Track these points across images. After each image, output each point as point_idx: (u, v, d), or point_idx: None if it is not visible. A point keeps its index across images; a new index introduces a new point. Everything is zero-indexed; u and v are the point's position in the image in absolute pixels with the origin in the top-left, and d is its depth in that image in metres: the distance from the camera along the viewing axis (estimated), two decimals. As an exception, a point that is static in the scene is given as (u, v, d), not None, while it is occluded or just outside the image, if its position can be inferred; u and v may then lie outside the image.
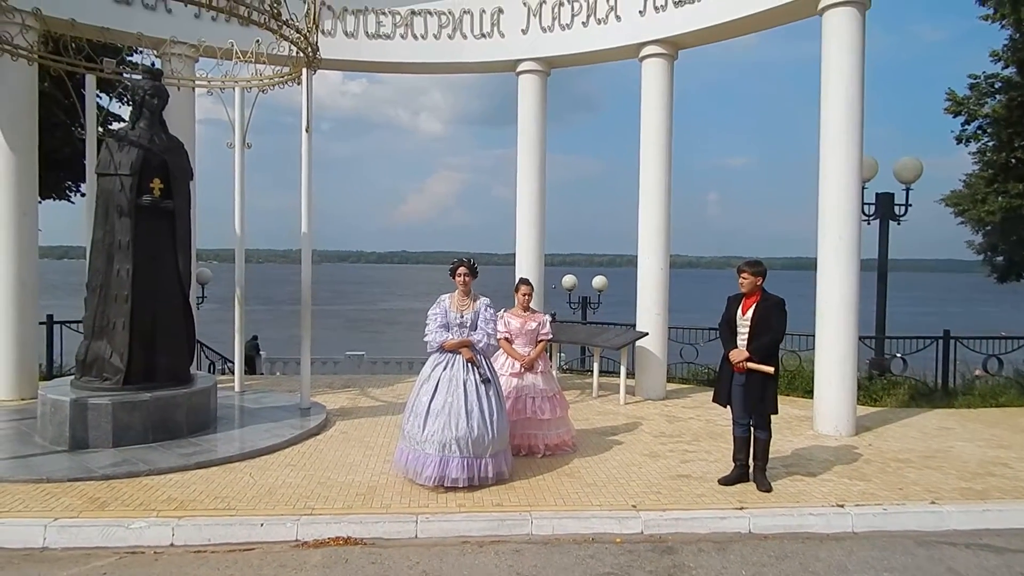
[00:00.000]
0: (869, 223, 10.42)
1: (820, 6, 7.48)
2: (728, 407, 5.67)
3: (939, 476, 5.93)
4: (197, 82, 8.89)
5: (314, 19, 7.30)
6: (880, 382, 9.65)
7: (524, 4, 9.76)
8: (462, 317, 5.57)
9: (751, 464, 5.60)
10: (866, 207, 10.36)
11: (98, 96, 9.28)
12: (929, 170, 10.65)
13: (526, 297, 6.60)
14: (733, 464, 5.68)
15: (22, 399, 8.25)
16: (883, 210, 10.38)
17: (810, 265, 8.12)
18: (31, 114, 8.56)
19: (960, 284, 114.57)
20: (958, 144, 15.21)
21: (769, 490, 5.39)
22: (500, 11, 9.85)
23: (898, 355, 10.02)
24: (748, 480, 5.59)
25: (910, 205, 10.40)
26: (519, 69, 9.98)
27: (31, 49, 7.83)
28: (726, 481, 5.58)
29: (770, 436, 5.57)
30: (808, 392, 8.56)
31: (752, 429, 5.57)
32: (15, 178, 8.37)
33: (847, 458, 6.45)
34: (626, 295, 9.63)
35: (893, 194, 10.44)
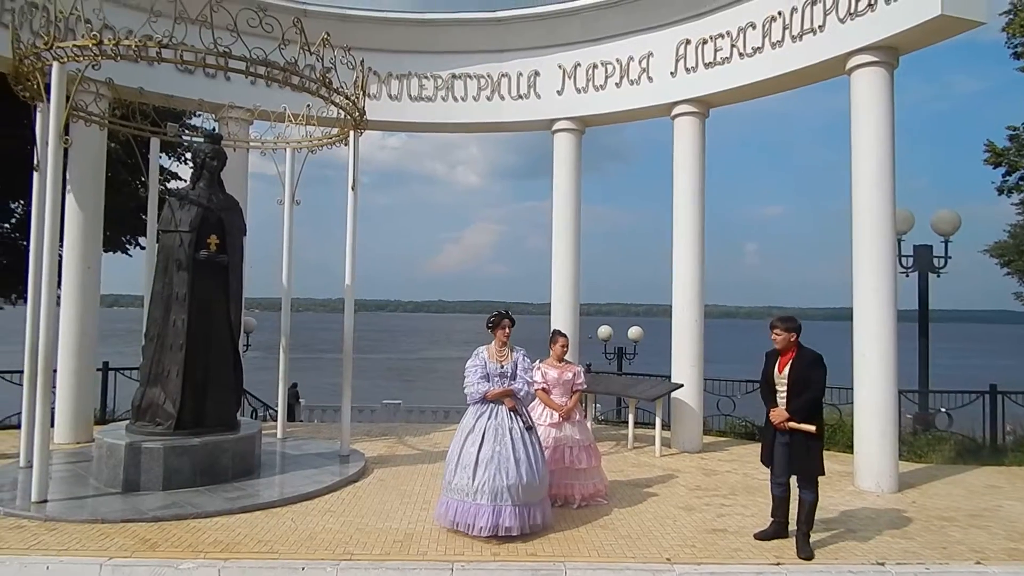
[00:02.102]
0: (908, 275, 10.37)
1: (848, 66, 7.68)
2: (770, 466, 5.53)
3: (986, 536, 5.78)
4: (252, 144, 9.48)
5: (362, 86, 7.79)
6: (925, 437, 9.43)
7: (559, 67, 10.20)
8: (502, 367, 5.74)
9: (792, 525, 5.41)
10: (904, 259, 10.34)
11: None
12: (973, 219, 10.61)
13: (563, 349, 6.75)
14: (771, 519, 5.58)
15: (78, 443, 8.63)
16: (921, 262, 10.32)
17: (852, 316, 8.07)
18: (99, 174, 9.21)
19: (1011, 336, 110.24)
20: (999, 195, 15.05)
21: (811, 557, 5.14)
22: (536, 74, 10.30)
23: (943, 409, 9.79)
24: (785, 536, 5.49)
25: (949, 257, 10.33)
26: (554, 128, 10.36)
27: (102, 115, 8.50)
28: (762, 536, 5.51)
29: (816, 499, 5.32)
30: (849, 447, 8.41)
31: (795, 489, 5.37)
32: (81, 233, 8.96)
33: (889, 514, 6.33)
34: (662, 345, 9.70)
35: (931, 246, 10.39)
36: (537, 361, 6.59)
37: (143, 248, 12.34)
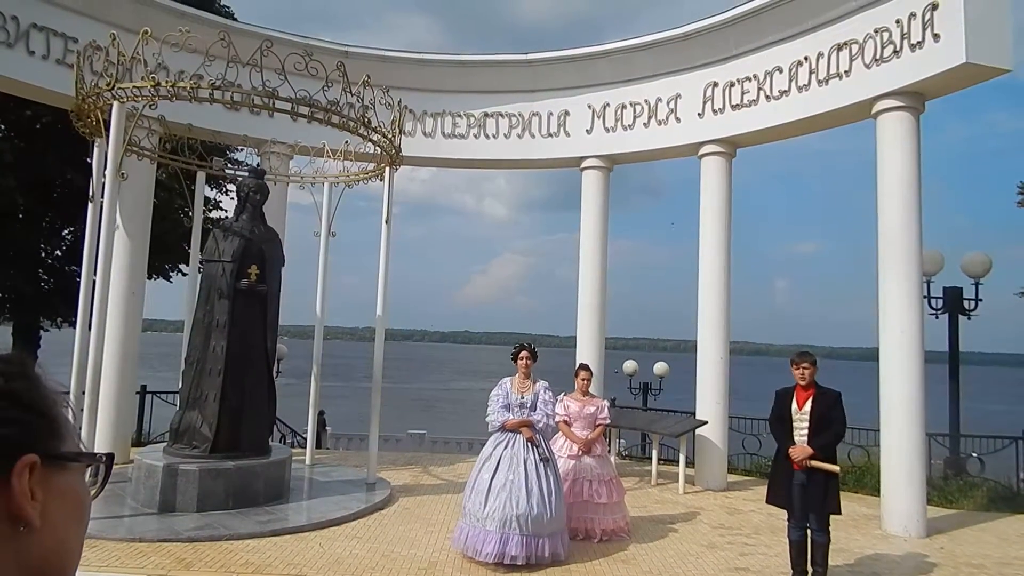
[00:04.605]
0: (937, 317, 10.29)
1: (874, 110, 7.81)
2: (785, 508, 5.35)
3: (1015, 584, 5.69)
4: (292, 178, 9.88)
5: (399, 124, 8.13)
6: (956, 483, 9.25)
7: (589, 107, 10.49)
8: (522, 398, 5.89)
9: (810, 570, 5.29)
10: (934, 301, 10.26)
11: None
12: (1012, 261, 10.49)
13: (585, 382, 6.86)
14: (793, 572, 5.35)
15: (116, 463, 8.89)
16: (951, 304, 10.23)
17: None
18: (147, 205, 9.67)
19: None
20: (1034, 237, 14.84)
21: None
22: (566, 113, 10.60)
23: (974, 454, 9.61)
24: None
25: (980, 300, 10.22)
26: (583, 165, 10.61)
27: (153, 150, 8.97)
28: None
29: (829, 540, 5.23)
30: (877, 489, 8.30)
31: (809, 532, 5.25)
32: (128, 261, 9.37)
33: (915, 560, 6.26)
34: (689, 382, 9.74)
35: (961, 288, 10.30)
36: (562, 394, 6.71)
37: (184, 275, 12.82)
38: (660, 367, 17.11)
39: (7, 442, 0.64)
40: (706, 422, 9.19)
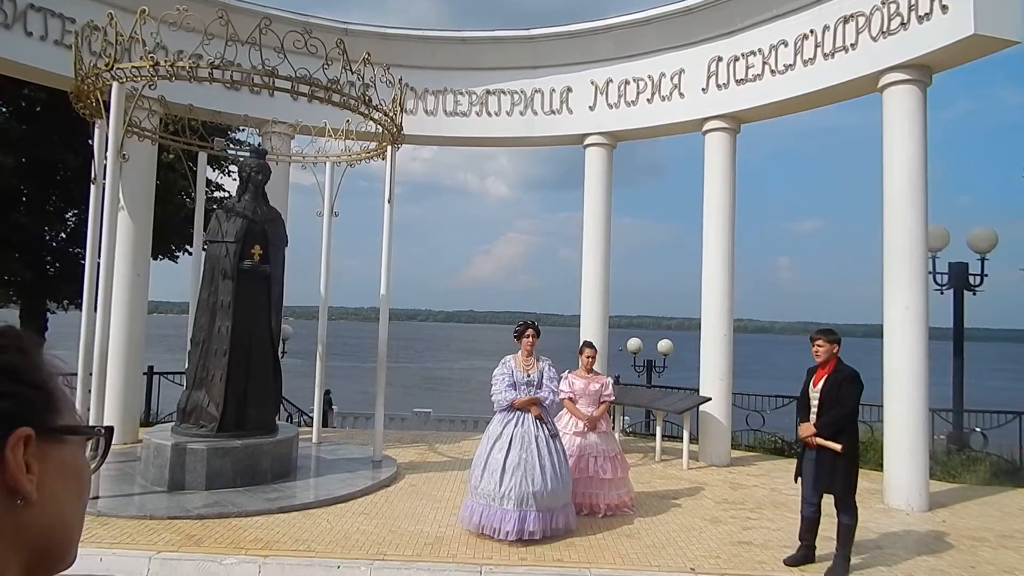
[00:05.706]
0: (943, 293, 10.25)
1: (880, 84, 7.71)
2: (797, 481, 5.43)
3: (1016, 556, 5.73)
4: (294, 157, 9.84)
5: (400, 103, 8.07)
6: (959, 457, 9.29)
7: (592, 83, 10.38)
8: (528, 376, 5.91)
9: (826, 547, 5.30)
10: (939, 276, 10.22)
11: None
12: (1018, 238, 10.40)
13: (590, 360, 6.88)
14: (799, 543, 5.40)
15: (124, 443, 9.00)
16: (957, 280, 10.19)
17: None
18: (149, 186, 9.66)
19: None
20: (1041, 212, 14.72)
21: None
22: (569, 90, 10.49)
23: (977, 429, 9.64)
24: (813, 561, 5.35)
25: (986, 275, 10.18)
26: (586, 142, 10.53)
27: (154, 131, 8.93)
28: (792, 561, 5.32)
29: (854, 524, 5.19)
30: (880, 464, 8.33)
31: (837, 512, 5.21)
32: (132, 242, 9.39)
33: (918, 534, 6.31)
34: (694, 359, 9.77)
35: (967, 264, 10.25)
36: (566, 371, 6.73)
37: (191, 254, 12.85)
38: (664, 345, 17.15)
39: (1, 415, 0.63)
40: (710, 399, 9.23)
